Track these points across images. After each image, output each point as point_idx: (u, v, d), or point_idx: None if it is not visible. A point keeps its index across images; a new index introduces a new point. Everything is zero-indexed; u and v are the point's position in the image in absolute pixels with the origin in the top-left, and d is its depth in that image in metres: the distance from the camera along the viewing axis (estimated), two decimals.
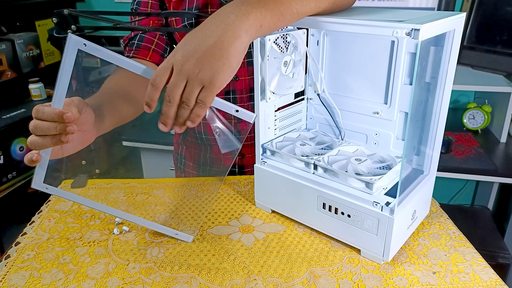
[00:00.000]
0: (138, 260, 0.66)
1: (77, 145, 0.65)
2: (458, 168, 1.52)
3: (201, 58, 0.52)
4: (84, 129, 0.64)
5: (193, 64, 0.52)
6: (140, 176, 1.96)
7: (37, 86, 1.84)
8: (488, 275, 0.62)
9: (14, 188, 1.60)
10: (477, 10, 1.65)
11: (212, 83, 0.52)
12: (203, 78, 0.52)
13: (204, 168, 1.04)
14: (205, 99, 0.53)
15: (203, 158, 1.04)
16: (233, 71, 0.54)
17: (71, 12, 0.74)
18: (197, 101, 0.54)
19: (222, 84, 0.53)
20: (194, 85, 0.52)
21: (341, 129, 0.80)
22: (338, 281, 0.61)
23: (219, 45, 0.53)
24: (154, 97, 0.55)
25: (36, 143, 0.59)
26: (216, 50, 0.52)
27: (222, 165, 1.02)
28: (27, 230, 0.75)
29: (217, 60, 0.52)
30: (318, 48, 0.78)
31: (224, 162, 1.02)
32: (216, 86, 0.53)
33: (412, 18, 0.56)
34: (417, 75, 0.57)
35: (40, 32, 1.88)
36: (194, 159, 1.06)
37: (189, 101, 0.53)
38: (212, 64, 0.52)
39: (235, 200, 0.83)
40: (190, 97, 0.53)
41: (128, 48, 0.91)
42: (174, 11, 0.89)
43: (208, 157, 1.02)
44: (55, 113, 0.57)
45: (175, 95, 0.53)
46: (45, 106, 0.59)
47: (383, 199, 0.63)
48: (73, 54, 0.57)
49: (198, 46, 0.53)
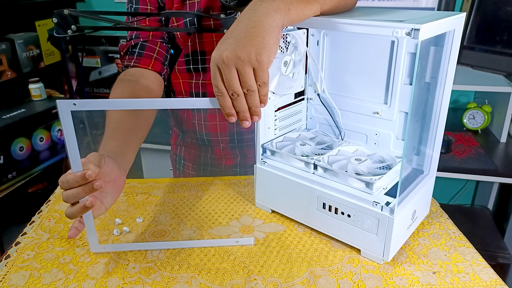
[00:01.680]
0: (138, 260, 0.66)
1: (113, 194, 0.65)
2: (458, 168, 1.52)
3: (238, 42, 0.52)
4: (112, 178, 0.63)
5: (233, 50, 0.52)
6: (140, 176, 1.95)
7: (37, 86, 1.84)
8: (488, 275, 0.62)
9: (14, 188, 1.60)
10: (477, 10, 1.65)
11: (259, 61, 0.52)
12: (249, 59, 0.52)
13: (205, 169, 1.04)
14: (262, 79, 0.53)
15: (203, 158, 1.03)
16: (275, 45, 0.54)
17: (71, 12, 0.74)
18: (258, 84, 0.54)
19: (270, 58, 0.53)
20: (245, 69, 0.52)
21: (341, 129, 0.80)
22: (338, 281, 0.61)
23: (251, 24, 0.53)
24: (228, 104, 0.55)
25: (76, 211, 0.60)
26: (250, 29, 0.53)
27: (224, 166, 1.02)
28: (27, 230, 0.75)
29: (254, 38, 0.52)
30: (318, 48, 0.78)
31: (225, 163, 1.02)
32: (265, 62, 0.52)
33: (412, 18, 0.56)
34: (417, 75, 0.57)
35: (40, 32, 1.87)
36: (194, 160, 1.05)
37: (250, 86, 0.53)
38: (251, 43, 0.52)
39: (235, 200, 0.83)
40: (248, 81, 0.53)
41: (128, 56, 0.89)
42: (174, 11, 0.89)
43: (209, 157, 1.02)
44: (77, 177, 0.58)
45: (235, 87, 0.53)
46: (67, 174, 0.59)
47: (383, 199, 0.63)
48: (68, 118, 0.57)
49: (231, 34, 0.54)
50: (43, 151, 1.73)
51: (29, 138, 1.66)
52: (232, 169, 1.02)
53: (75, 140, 0.58)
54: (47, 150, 1.75)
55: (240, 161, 1.01)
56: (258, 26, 0.53)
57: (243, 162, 1.01)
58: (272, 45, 0.53)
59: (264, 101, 0.56)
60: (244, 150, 0.99)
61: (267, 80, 0.54)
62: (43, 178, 1.80)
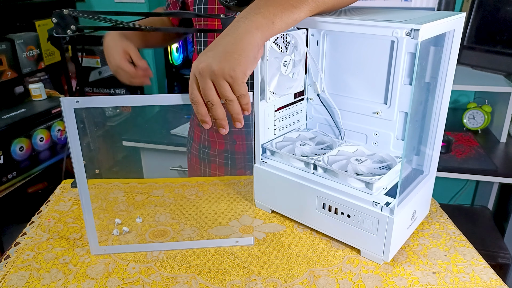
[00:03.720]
0: (138, 260, 0.66)
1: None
2: (458, 168, 1.52)
3: (215, 57, 0.55)
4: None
5: (209, 64, 0.54)
6: (140, 176, 1.96)
7: (37, 86, 1.84)
8: (488, 275, 0.62)
9: (14, 188, 1.60)
10: (477, 10, 1.65)
11: (233, 76, 0.54)
12: (223, 74, 0.54)
13: (204, 151, 1.08)
14: (239, 92, 0.55)
15: (202, 140, 1.07)
16: (250, 63, 0.56)
17: (71, 12, 0.74)
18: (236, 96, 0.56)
19: (245, 74, 0.55)
20: (219, 82, 0.55)
21: (341, 129, 0.80)
22: (338, 281, 0.61)
23: (231, 41, 0.55)
24: (201, 112, 0.58)
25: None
26: (229, 46, 0.55)
27: (217, 150, 1.04)
28: (27, 230, 0.75)
29: (230, 55, 0.54)
30: (318, 48, 0.78)
31: (218, 147, 1.04)
32: (239, 78, 0.54)
33: (412, 18, 0.56)
34: (417, 75, 0.57)
35: (40, 32, 1.87)
36: (196, 141, 1.10)
37: (227, 97, 0.56)
38: (227, 59, 0.54)
39: (235, 200, 0.83)
40: (224, 92, 0.55)
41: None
42: (174, 11, 0.89)
43: (207, 140, 1.06)
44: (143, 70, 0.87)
45: (209, 97, 0.56)
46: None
47: (383, 199, 0.63)
48: (71, 115, 0.59)
49: (212, 47, 0.56)
50: (43, 151, 1.73)
51: (29, 138, 1.66)
52: (223, 153, 1.04)
53: (77, 137, 0.60)
54: (47, 150, 1.75)
55: (230, 146, 1.02)
56: (238, 43, 0.55)
57: (232, 148, 1.02)
58: (248, 62, 0.55)
59: (246, 109, 0.58)
60: (233, 135, 1.01)
61: (245, 92, 0.56)
62: (43, 178, 1.80)
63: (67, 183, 0.91)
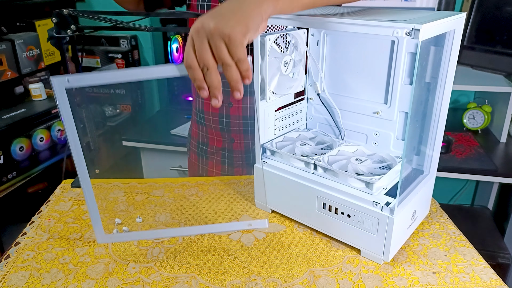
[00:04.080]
0: (138, 260, 0.66)
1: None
2: (458, 168, 1.52)
3: (216, 16, 0.51)
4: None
5: (208, 22, 0.51)
6: (140, 176, 1.96)
7: (37, 86, 1.84)
8: (488, 275, 0.62)
9: (14, 188, 1.60)
10: (477, 10, 1.65)
11: (231, 36, 0.50)
12: (220, 32, 0.50)
13: (202, 148, 1.07)
14: (236, 55, 0.51)
15: (200, 137, 1.07)
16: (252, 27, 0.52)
17: (71, 12, 0.74)
18: (234, 60, 0.52)
19: (244, 36, 0.51)
20: (215, 41, 0.51)
21: (341, 129, 0.80)
22: (338, 281, 0.61)
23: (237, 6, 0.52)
24: (197, 77, 0.53)
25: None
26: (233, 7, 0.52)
27: (215, 147, 1.04)
28: (27, 230, 0.75)
29: (232, 13, 0.51)
30: (318, 48, 0.78)
31: (216, 144, 1.04)
32: (237, 38, 0.51)
33: (412, 18, 0.56)
34: (417, 75, 0.57)
35: (40, 32, 1.87)
36: (195, 137, 1.09)
37: (223, 59, 0.51)
38: (228, 18, 0.51)
39: (235, 200, 0.83)
40: (219, 54, 0.51)
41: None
42: (174, 11, 0.89)
43: (205, 136, 1.05)
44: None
45: (204, 59, 0.52)
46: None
47: (383, 199, 0.63)
48: (63, 95, 0.56)
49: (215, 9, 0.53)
50: (43, 151, 1.73)
51: (29, 138, 1.66)
52: (221, 151, 1.03)
53: (71, 118, 0.57)
54: (47, 150, 1.75)
55: (228, 144, 1.02)
56: (242, 7, 0.52)
57: (230, 147, 1.02)
58: (249, 24, 0.52)
59: (246, 76, 0.53)
60: (231, 134, 1.00)
61: (243, 56, 0.52)
62: (43, 178, 1.80)
63: (67, 183, 0.91)
